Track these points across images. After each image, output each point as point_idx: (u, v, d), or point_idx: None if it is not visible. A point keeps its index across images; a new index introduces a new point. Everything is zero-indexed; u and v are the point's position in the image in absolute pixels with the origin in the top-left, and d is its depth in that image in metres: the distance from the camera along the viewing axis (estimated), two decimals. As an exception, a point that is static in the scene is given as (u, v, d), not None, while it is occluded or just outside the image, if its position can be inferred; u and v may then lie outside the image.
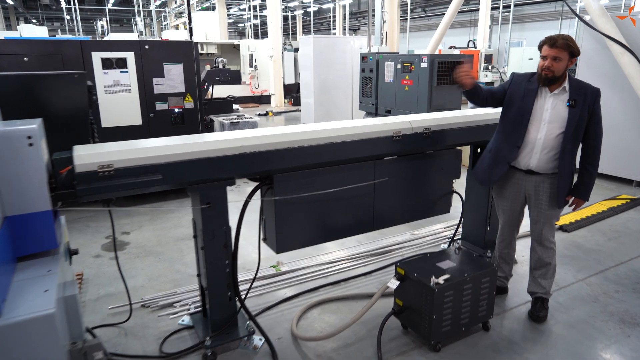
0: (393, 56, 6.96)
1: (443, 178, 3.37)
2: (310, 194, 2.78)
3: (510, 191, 2.97)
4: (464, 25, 25.87)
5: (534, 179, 2.83)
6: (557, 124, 2.69)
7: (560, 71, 2.64)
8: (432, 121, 3.13)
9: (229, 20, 33.15)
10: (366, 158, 2.94)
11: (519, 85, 2.86)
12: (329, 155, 2.75)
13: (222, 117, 10.06)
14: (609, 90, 6.01)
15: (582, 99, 2.64)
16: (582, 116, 2.64)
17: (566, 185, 2.76)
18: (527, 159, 2.82)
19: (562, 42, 2.60)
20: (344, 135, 2.78)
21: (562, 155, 2.70)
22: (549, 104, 2.73)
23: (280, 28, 14.59)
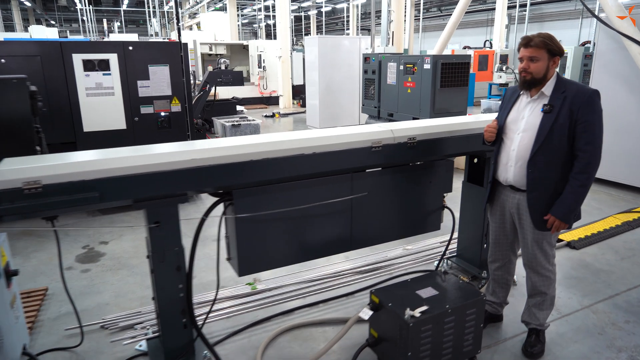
0: (396, 57, 6.64)
1: (432, 192, 3.06)
2: (276, 212, 2.51)
3: (497, 209, 2.68)
4: (481, 25, 25.28)
5: (517, 196, 2.52)
6: (530, 132, 2.37)
7: (539, 72, 2.33)
8: (417, 130, 2.82)
9: (244, 20, 33.14)
10: (342, 171, 2.65)
11: (506, 97, 2.62)
12: (298, 169, 2.47)
13: (224, 119, 9.88)
14: (627, 93, 5.58)
15: (559, 103, 2.30)
16: (559, 123, 2.28)
17: (540, 201, 2.40)
18: (505, 173, 2.53)
19: (538, 40, 2.30)
20: (314, 147, 2.49)
21: (531, 166, 2.36)
22: (526, 111, 2.43)
23: (288, 28, 14.35)
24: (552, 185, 2.38)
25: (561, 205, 2.35)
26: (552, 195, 2.39)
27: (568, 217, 2.35)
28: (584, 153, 2.28)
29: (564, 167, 2.36)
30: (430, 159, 2.96)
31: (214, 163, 2.25)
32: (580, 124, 2.27)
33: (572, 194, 2.32)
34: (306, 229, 2.66)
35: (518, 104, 2.51)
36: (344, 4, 27.08)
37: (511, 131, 2.49)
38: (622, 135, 5.63)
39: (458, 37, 26.12)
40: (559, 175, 2.36)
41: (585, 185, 2.30)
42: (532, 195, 2.41)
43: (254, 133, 9.34)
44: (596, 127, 2.27)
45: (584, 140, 2.27)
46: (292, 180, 2.52)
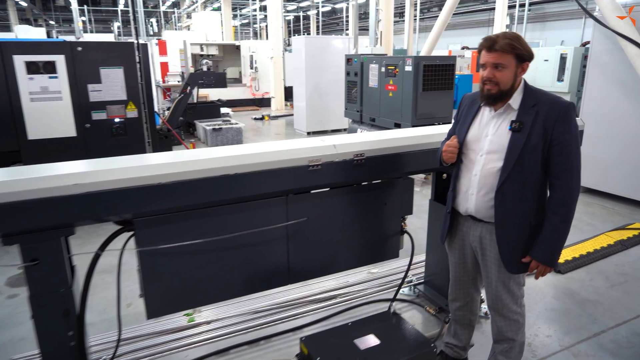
0: (377, 58, 6.24)
1: (388, 215, 2.66)
2: (190, 243, 2.12)
3: (456, 243, 2.27)
4: (482, 25, 24.77)
5: (479, 228, 2.10)
6: (497, 155, 1.95)
7: (506, 83, 1.90)
8: (366, 145, 2.42)
9: (244, 20, 32.78)
10: (273, 194, 2.26)
11: (463, 109, 2.19)
12: (218, 193, 2.08)
13: (206, 122, 9.51)
14: (623, 96, 5.15)
15: (531, 120, 1.88)
16: (531, 144, 1.87)
17: (512, 239, 1.99)
18: (464, 203, 2.11)
19: (504, 42, 1.86)
20: (236, 167, 2.10)
21: (500, 197, 1.95)
22: (490, 128, 2.00)
23: (280, 28, 13.97)
24: (526, 220, 1.97)
25: (543, 247, 1.94)
26: (526, 231, 1.98)
27: (553, 259, 1.95)
28: (561, 181, 1.88)
29: (538, 196, 1.96)
30: (382, 178, 2.56)
31: (107, 188, 1.86)
32: (555, 146, 1.87)
33: (554, 232, 1.91)
34: (231, 262, 2.26)
35: (479, 118, 2.08)
36: (343, 4, 26.67)
37: (472, 152, 2.07)
38: (618, 143, 5.20)
39: (459, 37, 25.69)
40: (533, 206, 1.96)
41: (567, 221, 1.90)
42: (502, 232, 2.00)
43: (237, 137, 8.97)
44: (573, 149, 1.86)
45: (561, 165, 1.87)
46: (212, 205, 2.13)
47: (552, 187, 1.92)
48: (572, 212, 1.90)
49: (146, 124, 4.93)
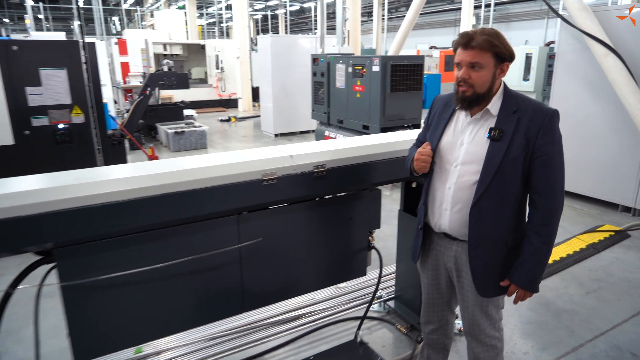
0: (344, 58, 6.02)
1: (353, 230, 2.43)
2: (122, 274, 1.82)
3: (429, 262, 2.04)
4: (449, 25, 25.04)
5: (454, 247, 1.89)
6: (473, 166, 1.73)
7: (483, 84, 1.68)
8: (327, 154, 2.18)
9: (211, 19, 32.09)
10: (221, 213, 1.98)
11: (435, 112, 1.97)
12: (153, 215, 1.79)
13: (168, 125, 9.08)
14: (591, 97, 5.11)
15: (512, 128, 1.67)
16: (512, 155, 1.66)
17: (487, 261, 1.79)
18: (437, 218, 1.89)
19: (482, 39, 1.63)
20: (174, 184, 1.82)
21: (475, 213, 1.73)
22: (466, 135, 1.78)
23: (246, 27, 13.61)
24: (503, 239, 1.76)
25: (524, 271, 1.73)
26: (502, 253, 1.78)
27: (534, 284, 1.75)
28: (543, 198, 1.67)
29: (518, 214, 1.76)
30: (346, 190, 2.32)
31: (15, 215, 1.55)
32: (538, 158, 1.66)
33: (535, 254, 1.71)
34: (175, 292, 1.98)
35: (454, 124, 1.85)
36: (311, 3, 26.45)
37: (446, 162, 1.84)
38: (586, 143, 5.16)
39: (426, 37, 25.89)
40: (511, 225, 1.76)
41: (550, 242, 1.70)
42: (476, 252, 1.78)
43: (200, 140, 8.60)
44: (556, 162, 1.66)
45: (544, 180, 1.67)
46: (149, 229, 1.84)
47: (534, 204, 1.71)
48: (554, 233, 1.70)
49: (95, 129, 4.54)
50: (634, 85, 4.46)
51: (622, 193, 4.98)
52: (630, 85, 4.46)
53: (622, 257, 3.92)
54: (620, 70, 4.50)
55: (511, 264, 1.79)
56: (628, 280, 3.53)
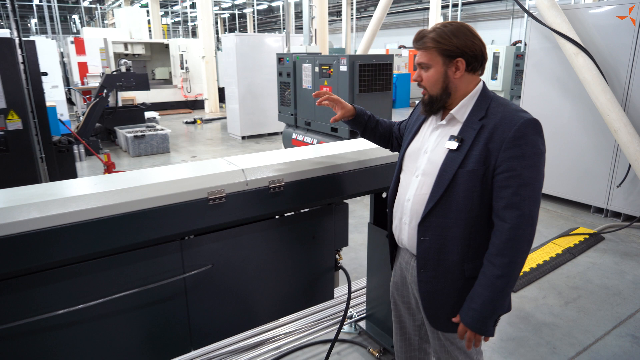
0: (310, 57, 5.76)
1: (318, 250, 2.17)
2: (39, 318, 1.50)
3: (397, 276, 1.82)
4: (417, 24, 25.18)
5: (415, 264, 1.65)
6: (431, 177, 1.52)
7: (433, 86, 1.51)
8: (285, 167, 1.91)
9: (176, 18, 31.25)
10: (162, 239, 1.68)
11: (414, 114, 1.78)
12: (76, 246, 1.48)
13: (128, 129, 8.60)
14: (561, 96, 5.02)
15: (471, 136, 1.44)
16: (467, 168, 1.42)
17: (435, 290, 1.55)
18: (398, 231, 1.68)
19: (429, 37, 1.47)
20: (103, 208, 1.51)
21: (422, 230, 1.51)
22: (431, 142, 1.58)
23: (212, 26, 13.16)
24: (458, 267, 1.51)
25: (472, 307, 1.45)
26: (458, 282, 1.53)
27: (483, 325, 1.44)
28: (504, 223, 1.39)
29: (479, 238, 1.50)
30: (308, 206, 2.06)
31: None
32: (500, 174, 1.40)
33: (487, 288, 1.42)
34: (105, 335, 1.67)
35: (425, 129, 1.65)
36: (279, 2, 26.09)
37: (409, 170, 1.63)
38: (558, 143, 5.07)
39: (395, 36, 25.98)
40: (469, 251, 1.50)
41: (507, 275, 1.39)
42: (425, 276, 1.55)
43: (163, 144, 8.17)
44: (525, 180, 1.37)
45: (505, 200, 1.39)
46: (72, 263, 1.52)
47: (493, 228, 1.44)
48: (515, 267, 1.39)
49: (37, 136, 4.12)
50: (604, 85, 4.37)
51: (594, 194, 4.91)
52: (601, 84, 4.37)
53: (598, 262, 3.81)
54: (591, 69, 4.41)
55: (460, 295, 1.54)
56: (606, 287, 3.41)
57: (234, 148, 8.82)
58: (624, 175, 4.55)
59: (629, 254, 3.96)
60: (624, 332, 2.86)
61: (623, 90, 4.48)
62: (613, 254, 3.96)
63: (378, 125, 1.92)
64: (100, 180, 1.69)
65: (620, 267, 3.71)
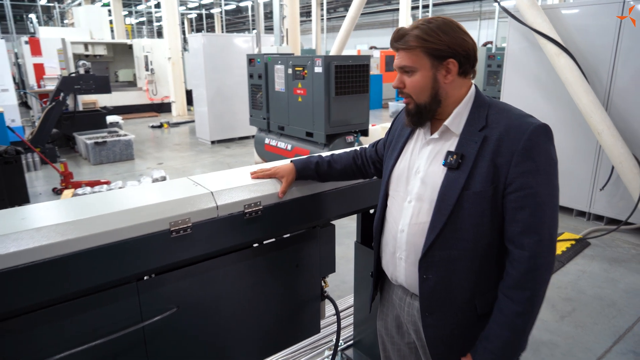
0: (283, 58, 5.47)
1: (302, 280, 1.89)
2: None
3: (388, 314, 1.55)
4: (387, 26, 25.24)
5: (415, 304, 1.38)
6: (429, 202, 1.27)
7: (420, 93, 1.26)
8: (263, 187, 1.62)
9: (141, 18, 30.28)
10: (113, 283, 1.37)
11: (397, 128, 1.50)
12: (7, 295, 1.15)
13: (88, 134, 8.06)
14: (542, 98, 4.92)
15: (474, 151, 1.20)
16: (473, 190, 1.19)
17: (444, 335, 1.31)
18: (391, 267, 1.42)
19: (412, 35, 1.22)
20: (33, 250, 1.18)
21: (425, 267, 1.27)
22: (423, 160, 1.32)
23: (178, 26, 12.67)
24: (470, 303, 1.28)
25: (487, 349, 1.23)
26: (471, 321, 1.29)
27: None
28: (521, 251, 1.17)
29: (492, 269, 1.26)
30: (290, 231, 1.77)
31: None
32: (512, 194, 1.18)
33: (507, 327, 1.19)
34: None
35: (412, 145, 1.39)
36: (248, 2, 25.64)
37: (398, 196, 1.37)
38: (539, 147, 4.95)
39: (365, 37, 25.96)
40: (481, 284, 1.27)
41: (529, 312, 1.18)
42: (432, 319, 1.30)
43: (126, 150, 7.70)
44: (543, 199, 1.16)
45: (522, 225, 1.17)
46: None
47: (509, 257, 1.21)
48: (537, 300, 1.18)
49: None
50: (587, 86, 4.27)
51: (577, 197, 4.82)
52: (584, 85, 4.27)
53: (587, 270, 3.68)
54: (573, 70, 4.30)
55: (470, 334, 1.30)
56: (600, 297, 3.27)
57: (204, 153, 8.42)
58: (607, 178, 4.46)
59: (617, 259, 3.85)
60: (625, 348, 2.71)
61: (605, 91, 4.40)
62: (601, 260, 3.85)
63: (332, 165, 1.66)
64: (32, 211, 1.36)
65: (611, 275, 3.59)
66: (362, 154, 1.66)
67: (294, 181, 1.64)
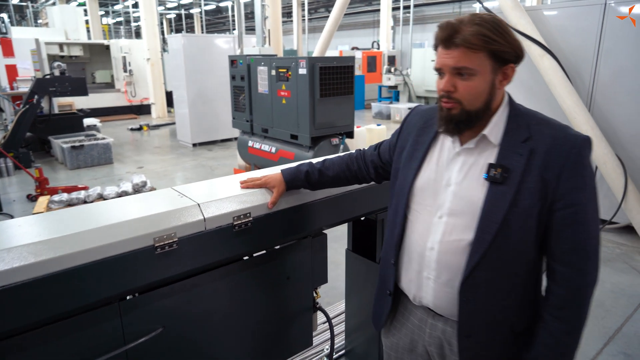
0: (266, 59, 5.37)
1: (293, 293, 1.81)
2: None
3: (402, 337, 1.44)
4: (368, 26, 25.30)
5: (439, 326, 1.31)
6: (467, 219, 1.18)
7: (475, 99, 1.14)
8: (253, 197, 1.54)
9: (118, 18, 29.69)
10: (90, 306, 1.27)
11: (411, 132, 1.38)
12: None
13: (64, 138, 7.81)
14: (525, 100, 4.92)
15: (522, 165, 1.13)
16: (522, 206, 1.12)
17: (485, 354, 1.24)
18: (415, 288, 1.32)
19: (471, 31, 1.08)
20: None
21: (467, 289, 1.19)
22: (453, 172, 1.22)
23: (156, 26, 12.43)
24: (508, 323, 1.22)
25: None
26: (507, 341, 1.24)
27: None
28: (568, 269, 1.13)
29: (530, 286, 1.22)
30: (281, 243, 1.69)
31: None
32: (561, 211, 1.12)
33: (553, 348, 1.16)
34: None
35: (437, 153, 1.28)
36: (228, 2, 25.38)
37: (424, 209, 1.28)
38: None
39: (346, 38, 25.96)
40: (521, 302, 1.21)
41: (576, 330, 1.15)
42: (469, 342, 1.23)
43: (105, 154, 7.49)
44: (590, 216, 1.12)
45: (569, 242, 1.12)
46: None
47: (553, 276, 1.16)
48: (584, 317, 1.16)
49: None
50: (570, 87, 4.30)
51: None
52: (567, 86, 4.30)
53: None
54: (557, 71, 4.33)
55: (517, 355, 1.25)
56: (588, 298, 3.27)
57: (185, 156, 8.25)
58: (590, 178, 4.50)
59: (602, 259, 3.87)
60: (615, 349, 2.71)
61: (587, 92, 4.44)
62: (587, 260, 3.87)
63: (323, 173, 1.56)
64: (2, 229, 1.25)
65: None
66: (358, 159, 1.57)
67: (285, 191, 1.56)
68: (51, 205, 4.88)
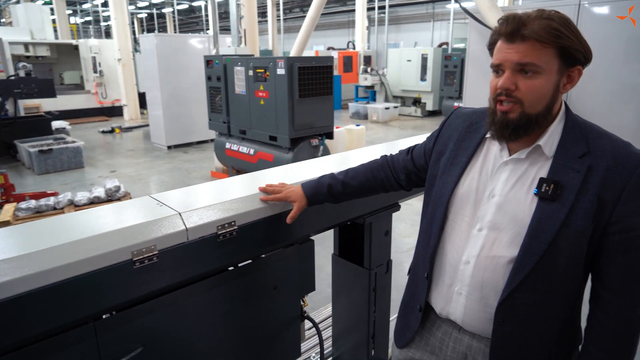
0: (243, 60, 5.26)
1: (280, 302, 1.73)
2: None
3: (423, 356, 1.35)
4: (343, 27, 25.35)
5: (465, 341, 1.23)
6: (510, 233, 1.09)
7: (538, 101, 1.03)
8: (238, 205, 1.45)
9: (87, 18, 28.85)
10: (62, 327, 1.16)
11: (451, 136, 1.29)
12: None
13: (32, 142, 7.49)
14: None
15: (577, 182, 1.03)
16: (574, 226, 1.02)
17: None
18: (443, 302, 1.24)
19: (541, 25, 0.98)
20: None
21: (505, 310, 1.11)
22: (498, 183, 1.13)
23: (127, 25, 12.10)
24: (545, 350, 1.15)
25: None
26: None
27: None
28: (617, 297, 1.06)
29: (572, 315, 1.15)
30: (267, 251, 1.61)
31: None
32: (616, 235, 1.03)
33: None
34: None
35: (481, 160, 1.19)
36: (201, 2, 25.00)
37: (462, 220, 1.19)
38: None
39: (321, 38, 25.96)
40: (556, 331, 1.14)
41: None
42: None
43: (75, 158, 7.22)
44: None
45: (623, 269, 1.04)
46: None
47: (600, 304, 1.08)
48: (632, 352, 1.07)
49: None
50: (547, 86, 4.35)
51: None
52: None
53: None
54: (533, 71, 4.37)
55: None
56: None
57: (160, 159, 8.04)
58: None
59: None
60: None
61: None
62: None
63: (347, 184, 1.45)
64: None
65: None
66: (384, 166, 1.46)
67: (306, 206, 1.46)
68: (18, 213, 4.64)
